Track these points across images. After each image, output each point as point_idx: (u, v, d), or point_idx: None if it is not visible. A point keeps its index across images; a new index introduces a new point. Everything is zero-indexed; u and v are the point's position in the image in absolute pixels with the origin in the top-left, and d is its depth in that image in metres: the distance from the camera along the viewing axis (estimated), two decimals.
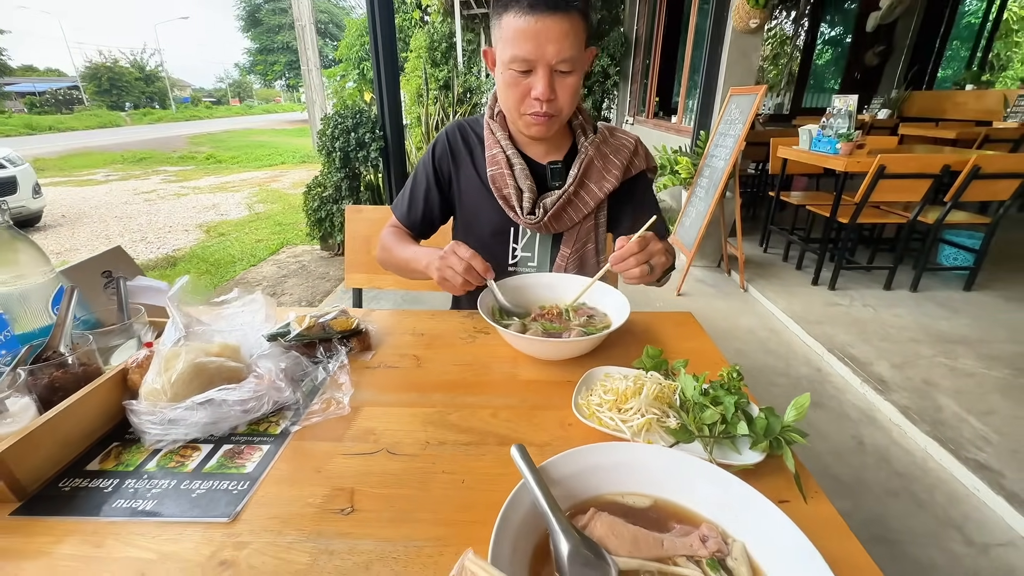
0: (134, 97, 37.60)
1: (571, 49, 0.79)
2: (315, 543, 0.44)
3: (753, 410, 0.57)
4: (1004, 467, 1.55)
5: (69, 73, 42.74)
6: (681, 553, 0.38)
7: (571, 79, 0.83)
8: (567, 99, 0.85)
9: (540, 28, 0.77)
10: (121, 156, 12.12)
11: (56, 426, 0.52)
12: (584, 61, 0.85)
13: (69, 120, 25.61)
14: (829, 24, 7.97)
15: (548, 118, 0.85)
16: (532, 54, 0.79)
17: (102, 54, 37.44)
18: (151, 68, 40.74)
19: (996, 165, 2.52)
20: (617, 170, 0.98)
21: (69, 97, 35.74)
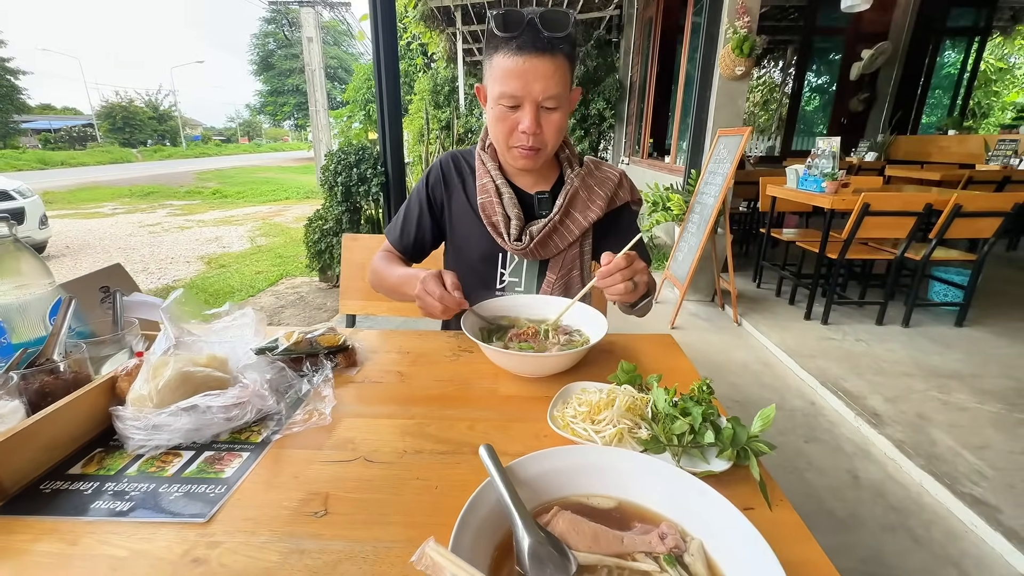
0: (146, 135, 38.76)
1: (556, 87, 0.85)
2: (287, 543, 0.45)
3: (722, 422, 0.58)
4: (1001, 502, 1.53)
5: (85, 112, 44.25)
6: (640, 549, 0.39)
7: (556, 115, 0.89)
8: (552, 134, 0.90)
9: (527, 68, 0.83)
10: (129, 190, 12.40)
11: (41, 429, 0.53)
12: (569, 99, 0.90)
13: (81, 156, 26.31)
14: (815, 73, 8.36)
15: (535, 151, 0.91)
16: (520, 91, 0.84)
17: (119, 94, 38.92)
18: (165, 108, 42.21)
19: (977, 204, 2.59)
20: (602, 200, 1.02)
21: (83, 134, 36.86)
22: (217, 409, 0.58)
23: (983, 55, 7.41)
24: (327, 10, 12.78)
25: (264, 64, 34.71)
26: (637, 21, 6.82)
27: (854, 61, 6.44)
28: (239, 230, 7.29)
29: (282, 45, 33.42)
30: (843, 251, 2.73)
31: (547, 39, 0.82)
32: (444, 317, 0.82)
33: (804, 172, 3.03)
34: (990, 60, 11.04)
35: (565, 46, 0.85)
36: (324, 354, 0.76)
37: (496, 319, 0.87)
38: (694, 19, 4.85)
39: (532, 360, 0.72)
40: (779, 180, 3.35)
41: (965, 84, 7.27)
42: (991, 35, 7.58)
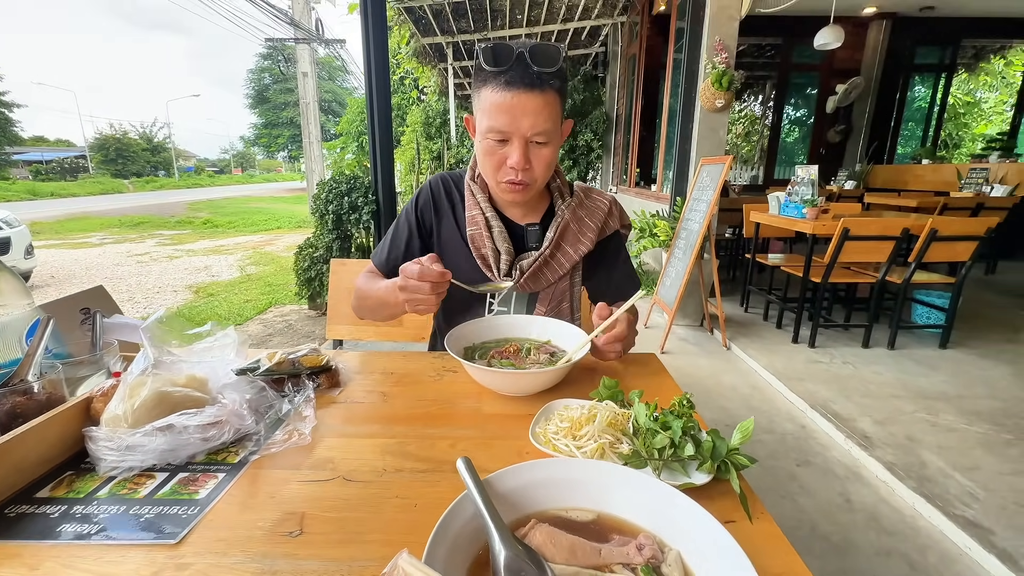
0: (139, 166, 38.93)
1: (545, 123, 0.83)
2: (259, 563, 0.44)
3: (703, 436, 0.58)
4: (993, 524, 1.52)
5: (78, 144, 44.50)
6: (617, 561, 0.39)
7: (546, 150, 0.87)
8: (542, 169, 0.89)
9: (516, 103, 0.81)
10: (119, 221, 12.36)
11: (10, 451, 0.52)
12: (560, 133, 0.89)
13: (72, 187, 26.29)
14: (793, 106, 8.70)
15: (523, 186, 0.89)
16: (508, 127, 0.83)
17: (112, 126, 39.22)
18: (159, 140, 42.61)
19: (953, 228, 2.68)
20: (592, 232, 1.02)
21: (75, 165, 36.95)
22: (193, 429, 0.57)
23: (950, 90, 7.78)
24: (323, 47, 13.16)
25: (259, 98, 35.40)
26: (622, 57, 7.10)
27: (829, 95, 6.73)
28: (229, 259, 7.27)
29: (277, 80, 34.17)
30: (826, 275, 2.78)
31: (536, 74, 0.81)
32: (430, 304, 0.77)
33: (785, 199, 3.12)
34: (958, 95, 11.59)
35: (555, 81, 0.83)
36: (307, 375, 0.75)
37: (481, 339, 0.87)
38: (675, 56, 5.06)
39: (511, 377, 0.72)
40: (762, 207, 3.44)
41: (936, 117, 7.60)
42: (957, 72, 7.98)
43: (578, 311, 1.07)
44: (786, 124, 8.76)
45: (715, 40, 3.27)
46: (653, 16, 5.80)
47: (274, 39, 13.14)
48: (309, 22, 11.93)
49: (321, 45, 12.94)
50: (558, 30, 6.92)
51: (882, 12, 6.23)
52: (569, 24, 6.69)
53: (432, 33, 6.89)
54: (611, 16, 6.68)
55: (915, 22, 6.42)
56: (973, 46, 7.92)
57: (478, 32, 6.89)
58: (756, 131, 11.14)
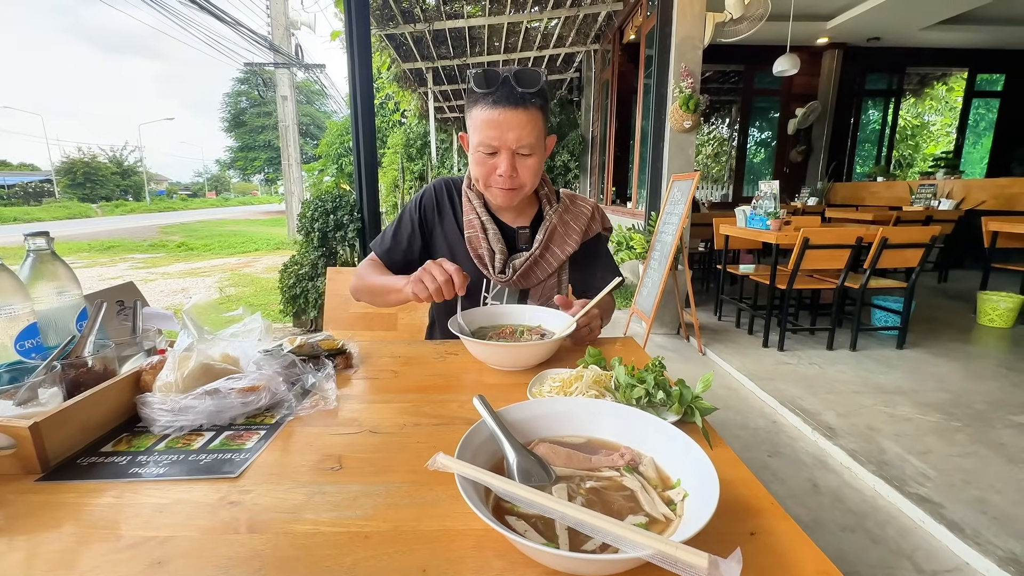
0: (109, 190, 38.04)
1: (529, 137, 0.96)
2: (310, 488, 0.53)
3: (672, 389, 0.70)
4: (944, 499, 1.66)
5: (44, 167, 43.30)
6: (605, 465, 0.49)
7: (531, 160, 1.00)
8: (528, 176, 1.02)
9: (502, 120, 0.93)
10: (88, 245, 12.05)
11: (80, 410, 0.60)
12: (543, 146, 1.03)
13: (36, 211, 25.52)
14: (758, 129, 9.19)
15: (512, 191, 1.02)
16: (496, 140, 0.96)
17: (81, 150, 38.35)
18: (129, 163, 41.80)
19: (901, 236, 2.91)
20: (577, 235, 1.15)
21: (40, 190, 35.88)
22: (236, 393, 0.66)
23: (900, 113, 8.37)
24: (302, 71, 13.33)
25: (236, 121, 35.24)
26: (595, 82, 7.44)
27: (790, 118, 7.17)
28: (207, 281, 7.19)
29: (254, 103, 34.15)
30: (790, 282, 2.98)
31: (520, 94, 0.93)
32: (434, 288, 0.86)
33: (751, 212, 3.34)
34: (908, 118, 12.41)
35: (537, 100, 0.96)
36: (325, 356, 0.84)
37: (479, 324, 0.98)
38: (646, 81, 5.36)
39: (511, 350, 0.83)
40: (731, 221, 3.66)
41: (888, 138, 8.16)
42: (904, 97, 8.60)
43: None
44: (752, 145, 9.25)
45: (681, 67, 3.52)
46: (624, 44, 6.14)
47: (253, 63, 13.23)
48: (289, 47, 12.10)
49: (301, 69, 13.10)
50: (534, 56, 7.23)
51: (834, 42, 6.73)
52: (545, 51, 7.01)
53: (412, 58, 7.12)
54: (584, 44, 7.03)
55: (864, 51, 6.95)
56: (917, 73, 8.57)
57: (457, 58, 7.14)
58: (724, 152, 11.69)
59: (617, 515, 0.42)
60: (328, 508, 0.49)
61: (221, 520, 0.47)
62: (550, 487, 0.46)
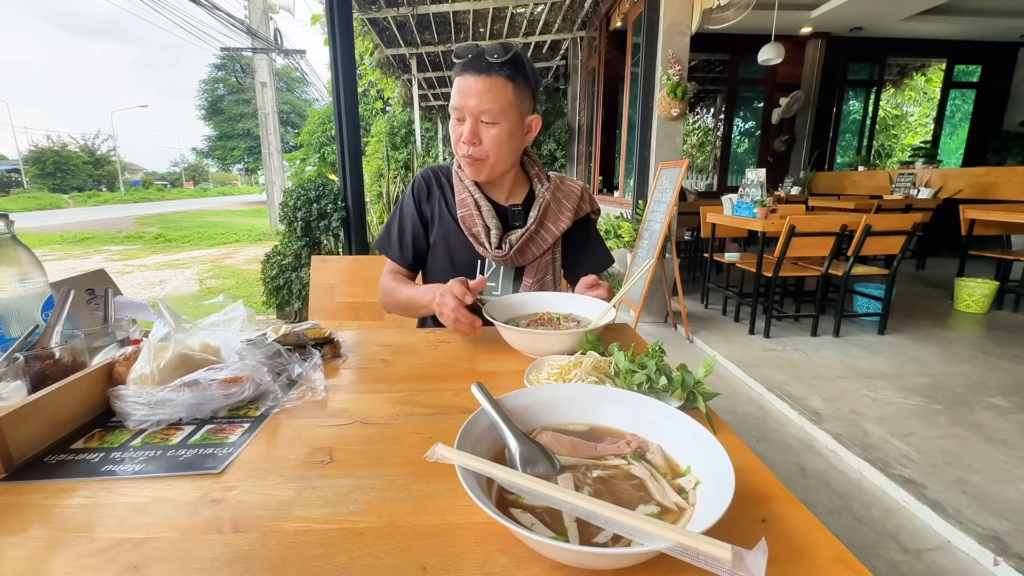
0: (80, 180, 36.75)
1: (491, 103, 0.96)
2: (299, 483, 0.50)
3: (673, 374, 0.68)
4: (926, 480, 1.70)
5: (11, 156, 41.60)
6: (611, 453, 0.47)
7: (494, 130, 0.99)
8: (490, 146, 1.01)
9: (466, 86, 0.97)
10: (60, 237, 11.66)
11: (47, 404, 0.56)
12: (511, 119, 1.00)
13: (3, 202, 24.57)
14: (742, 118, 9.23)
15: (476, 161, 1.02)
16: (459, 104, 0.99)
17: (50, 138, 36.91)
18: (102, 152, 40.41)
19: (884, 224, 2.95)
20: (569, 212, 1.15)
21: (7, 179, 34.52)
22: (217, 385, 0.62)
23: (880, 104, 8.49)
24: (281, 57, 12.96)
25: (213, 109, 34.25)
26: (582, 70, 7.38)
27: (774, 108, 7.21)
28: (186, 273, 7.01)
29: (232, 91, 33.22)
30: (776, 269, 3.00)
31: (486, 63, 0.96)
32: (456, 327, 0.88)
33: (738, 200, 3.35)
34: (887, 108, 12.61)
35: (504, 69, 0.97)
36: (311, 345, 0.81)
37: (512, 314, 0.95)
38: (633, 69, 5.33)
39: (553, 338, 0.79)
40: (717, 209, 3.67)
41: (868, 128, 8.27)
42: (885, 87, 8.71)
43: (559, 284, 1.19)
44: (736, 135, 9.29)
45: (669, 53, 3.50)
46: (610, 32, 6.08)
47: (230, 48, 12.83)
48: (267, 32, 11.75)
49: (280, 55, 12.74)
50: (520, 44, 7.13)
51: (817, 32, 6.77)
52: (531, 38, 6.92)
53: (396, 44, 6.96)
54: (571, 31, 6.95)
55: (846, 41, 7.01)
56: (897, 64, 8.67)
57: (442, 44, 7.01)
58: (709, 142, 11.74)
59: (627, 505, 0.40)
60: (319, 504, 0.46)
61: (203, 519, 0.44)
62: (555, 477, 0.43)
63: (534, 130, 1.08)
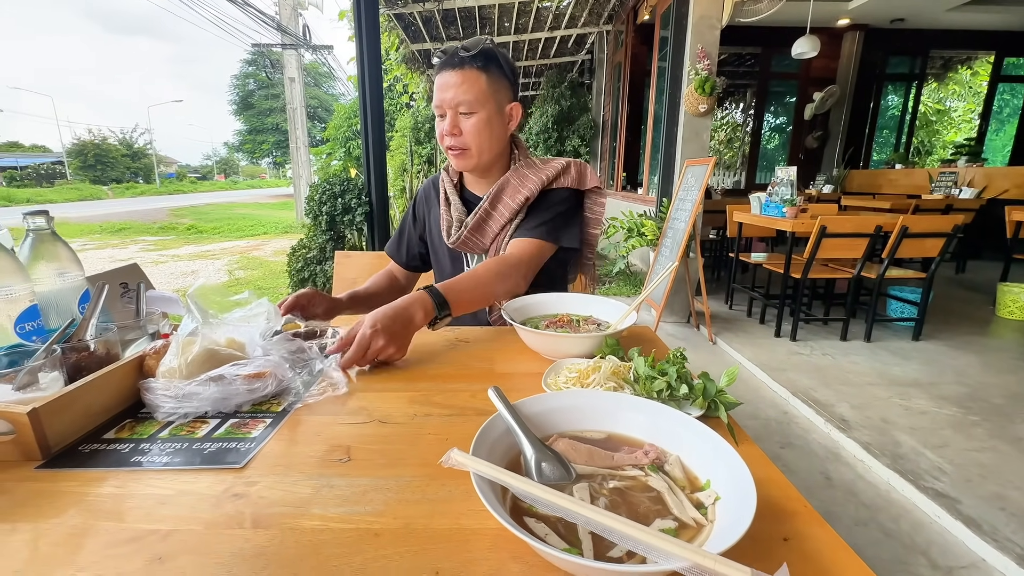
0: (119, 172, 38.22)
1: (465, 94, 1.00)
2: (317, 480, 0.50)
3: (695, 381, 0.66)
4: (960, 495, 1.63)
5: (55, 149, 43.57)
6: (628, 463, 0.47)
7: (472, 120, 1.02)
8: (471, 135, 1.03)
9: (443, 81, 1.02)
10: (100, 227, 12.15)
11: (81, 396, 0.58)
12: (487, 107, 1.02)
13: (48, 193, 25.74)
14: (773, 114, 8.97)
15: (460, 151, 1.05)
16: (439, 100, 1.03)
17: (91, 132, 38.48)
18: (139, 145, 41.92)
19: (921, 225, 2.83)
20: (533, 184, 1.09)
21: (52, 171, 36.14)
22: (242, 380, 0.63)
23: (921, 99, 8.13)
24: (309, 52, 13.17)
25: (244, 103, 35.13)
26: (607, 65, 7.28)
27: (807, 103, 6.98)
28: (216, 264, 7.23)
29: (262, 86, 33.98)
30: (805, 271, 2.91)
31: (458, 58, 1.01)
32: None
33: (766, 199, 3.26)
34: (928, 103, 12.06)
35: (476, 61, 1.00)
36: (331, 338, 0.82)
37: (530, 314, 0.95)
38: (660, 63, 5.23)
39: (575, 340, 0.78)
40: (744, 208, 3.58)
41: (908, 124, 7.93)
42: (926, 81, 8.33)
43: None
44: (766, 131, 9.04)
45: (697, 47, 3.41)
46: (637, 25, 5.98)
47: (261, 44, 13.10)
48: (296, 28, 11.95)
49: (308, 51, 12.96)
50: (545, 38, 7.08)
51: (855, 23, 6.51)
52: (556, 32, 6.85)
53: (421, 39, 6.99)
54: (597, 25, 6.86)
55: (886, 33, 6.72)
56: (941, 57, 8.29)
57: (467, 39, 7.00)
58: (738, 138, 11.45)
59: (643, 519, 0.39)
60: (336, 503, 0.47)
61: (225, 514, 0.45)
62: (571, 486, 0.43)
63: (515, 118, 1.09)
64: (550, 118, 7.55)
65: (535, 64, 8.55)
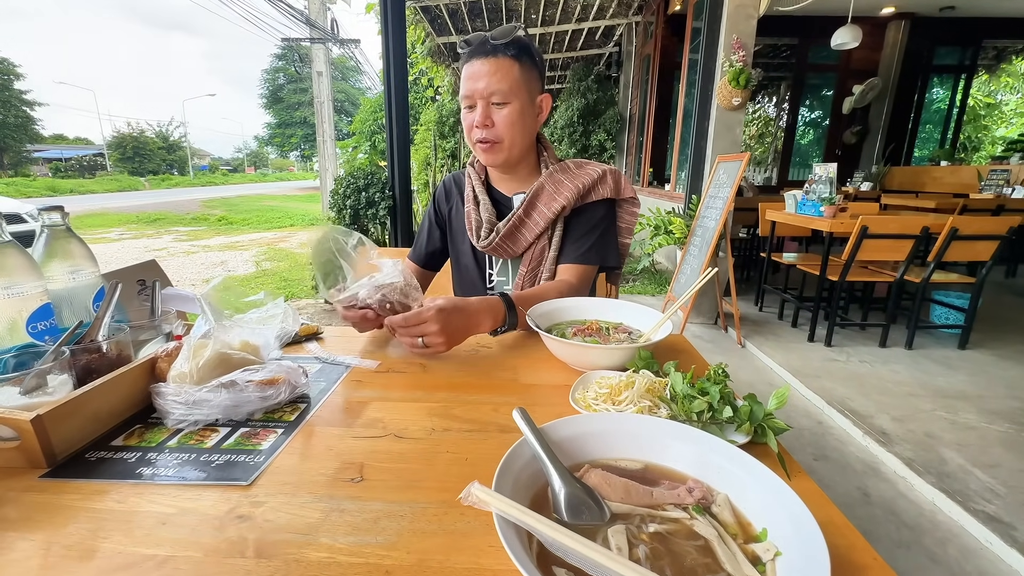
0: (155, 164, 39.56)
1: (499, 84, 0.96)
2: (327, 503, 0.47)
3: (739, 402, 0.60)
4: (1015, 519, 1.51)
5: (97, 142, 45.36)
6: (669, 501, 0.41)
7: (505, 110, 0.98)
8: (504, 127, 0.99)
9: (473, 71, 0.97)
10: (136, 217, 12.59)
11: (88, 401, 0.56)
12: (521, 98, 0.98)
13: (90, 184, 26.85)
14: (808, 108, 8.62)
15: (490, 144, 1.00)
16: (470, 90, 0.98)
17: (130, 125, 39.88)
18: (174, 138, 43.26)
19: (973, 227, 2.65)
20: (569, 192, 1.05)
21: (94, 163, 37.68)
22: (254, 387, 0.60)
23: (970, 92, 7.68)
24: (337, 46, 13.30)
25: (273, 97, 35.84)
26: (636, 57, 7.10)
27: (845, 96, 6.67)
28: (244, 255, 7.38)
29: (291, 80, 34.58)
30: (843, 274, 2.77)
31: (490, 46, 0.96)
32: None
33: (803, 197, 3.11)
34: (978, 96, 11.41)
35: (508, 50, 0.96)
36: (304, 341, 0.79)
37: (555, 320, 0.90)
38: (691, 55, 5.07)
39: (603, 352, 0.73)
40: (778, 206, 3.43)
41: (955, 119, 7.50)
42: (977, 73, 7.86)
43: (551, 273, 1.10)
44: (801, 125, 8.69)
45: (732, 38, 3.27)
46: (668, 16, 5.80)
47: (290, 39, 13.28)
48: (324, 22, 12.07)
49: (336, 45, 13.07)
50: (572, 30, 6.95)
51: (901, 12, 6.17)
52: (584, 24, 6.72)
53: (447, 32, 6.95)
54: (626, 16, 6.70)
55: (934, 22, 6.35)
56: (994, 47, 7.80)
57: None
58: (770, 132, 11.06)
59: (690, 574, 0.34)
60: (346, 531, 0.43)
61: (227, 539, 0.42)
62: (606, 529, 0.38)
63: (545, 110, 1.05)
64: (576, 112, 7.42)
65: (561, 57, 8.42)
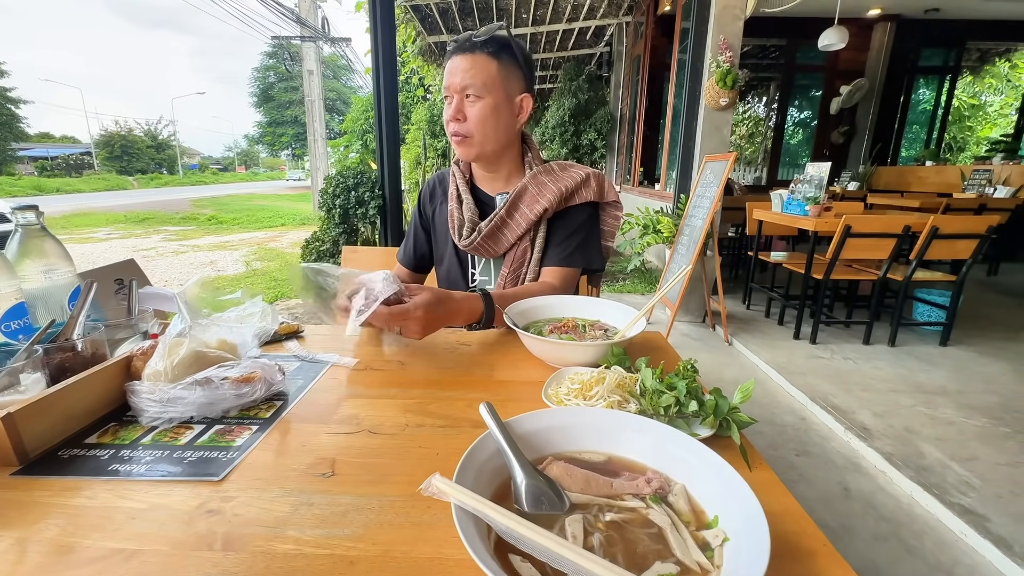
0: (143, 163, 39.08)
1: (473, 79, 0.97)
2: (297, 497, 0.48)
3: (706, 397, 0.62)
4: (989, 512, 1.55)
5: (84, 140, 44.76)
6: (628, 492, 0.43)
7: (478, 105, 0.99)
8: (475, 122, 1.00)
9: (452, 66, 1.00)
10: (124, 216, 12.44)
11: (61, 400, 0.56)
12: (495, 95, 0.99)
13: (77, 183, 26.48)
14: (797, 108, 8.70)
15: (463, 139, 1.02)
16: (447, 82, 1.01)
17: (118, 123, 39.39)
18: (163, 137, 42.77)
19: (954, 226, 2.70)
20: (551, 195, 1.06)
21: (80, 162, 37.14)
22: (229, 384, 0.61)
23: (955, 93, 7.80)
24: (328, 45, 13.23)
25: (264, 96, 35.50)
26: (626, 57, 7.14)
27: (833, 96, 6.75)
28: (234, 254, 7.32)
29: (282, 78, 34.28)
30: (828, 272, 2.81)
31: (470, 43, 0.99)
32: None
33: (788, 197, 3.15)
34: (963, 97, 11.59)
35: (487, 47, 0.98)
36: (283, 340, 0.79)
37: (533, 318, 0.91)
38: (680, 56, 5.10)
39: (578, 349, 0.74)
40: (765, 205, 3.47)
41: (940, 119, 7.62)
42: (961, 74, 7.99)
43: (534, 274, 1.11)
44: (790, 125, 8.77)
45: (720, 39, 3.31)
46: (658, 16, 5.84)
47: (280, 37, 13.18)
48: (315, 20, 11.99)
49: (326, 43, 13.00)
50: (563, 29, 6.97)
51: (887, 14, 6.26)
52: (574, 24, 6.74)
53: (438, 31, 6.94)
54: (616, 16, 6.73)
55: (920, 24, 6.45)
56: (978, 49, 7.93)
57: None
58: (759, 132, 11.16)
59: (641, 560, 0.36)
60: (314, 523, 0.44)
61: (196, 533, 0.43)
62: (563, 519, 0.39)
63: (525, 110, 1.05)
64: (567, 111, 7.44)
65: (552, 56, 8.44)
